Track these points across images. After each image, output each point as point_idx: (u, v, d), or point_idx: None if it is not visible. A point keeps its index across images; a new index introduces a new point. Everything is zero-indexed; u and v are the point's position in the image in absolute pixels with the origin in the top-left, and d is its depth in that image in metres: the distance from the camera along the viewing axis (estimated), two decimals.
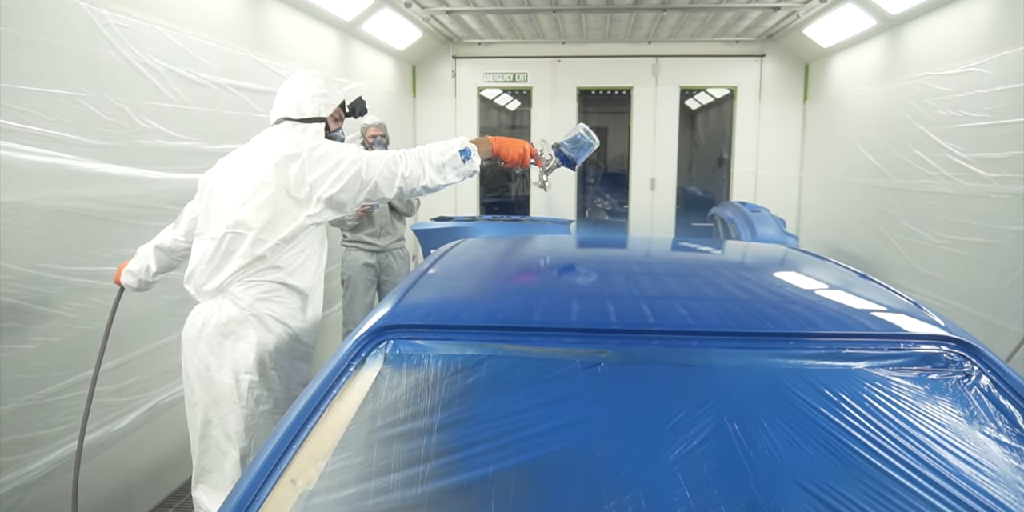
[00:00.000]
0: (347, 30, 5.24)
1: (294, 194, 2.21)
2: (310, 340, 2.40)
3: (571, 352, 1.41)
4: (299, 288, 2.29)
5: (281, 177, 2.20)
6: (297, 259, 2.27)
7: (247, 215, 2.21)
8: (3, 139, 2.20)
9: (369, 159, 2.24)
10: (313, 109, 2.35)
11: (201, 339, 2.22)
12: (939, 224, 4.29)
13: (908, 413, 1.27)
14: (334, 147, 2.26)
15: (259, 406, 2.22)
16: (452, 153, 2.29)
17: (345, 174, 2.21)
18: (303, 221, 2.22)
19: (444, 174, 2.29)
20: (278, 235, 2.20)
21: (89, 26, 2.57)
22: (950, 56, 4.22)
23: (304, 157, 2.21)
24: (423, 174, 2.26)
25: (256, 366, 2.20)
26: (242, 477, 1.17)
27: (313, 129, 2.34)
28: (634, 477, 1.16)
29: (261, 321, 2.22)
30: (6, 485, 2.27)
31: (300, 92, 2.37)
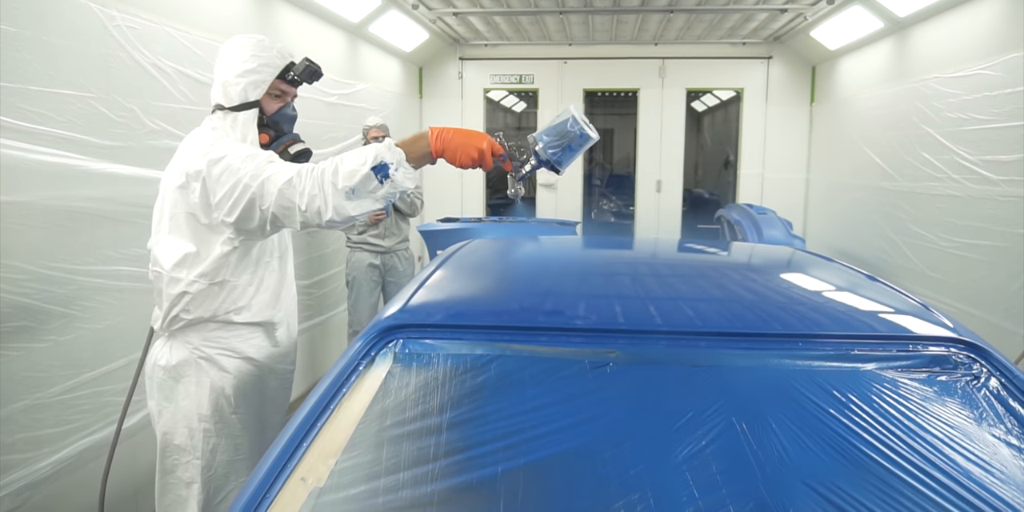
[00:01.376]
0: (354, 31, 5.26)
1: (204, 221, 1.86)
2: (284, 366, 2.15)
3: (580, 352, 1.41)
4: (256, 322, 1.99)
5: (188, 202, 1.85)
6: (244, 294, 1.95)
7: (158, 250, 1.92)
8: (15, 140, 2.22)
9: (265, 182, 1.76)
10: (239, 92, 1.92)
11: (153, 381, 1.99)
12: (947, 227, 4.28)
13: (917, 415, 1.27)
14: (236, 161, 1.79)
15: (216, 456, 1.97)
16: (363, 173, 1.70)
17: (240, 202, 1.79)
18: (221, 251, 1.87)
19: (359, 202, 1.74)
20: (195, 271, 1.87)
21: (100, 28, 2.59)
22: (958, 58, 4.21)
23: (205, 174, 1.81)
24: (325, 205, 1.72)
25: (211, 414, 1.94)
26: (252, 475, 1.18)
27: (243, 119, 1.93)
28: (643, 477, 1.17)
29: (214, 362, 1.95)
30: (16, 483, 2.29)
31: (225, 70, 1.95)
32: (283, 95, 2.02)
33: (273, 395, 2.12)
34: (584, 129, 1.85)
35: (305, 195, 1.72)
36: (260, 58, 1.93)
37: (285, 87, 2.01)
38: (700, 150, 10.41)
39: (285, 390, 2.18)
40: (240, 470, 2.00)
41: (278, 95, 2.01)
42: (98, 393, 2.61)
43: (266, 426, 2.11)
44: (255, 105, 1.95)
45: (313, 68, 2.01)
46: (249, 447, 2.02)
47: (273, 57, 1.96)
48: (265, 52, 1.94)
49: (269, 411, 2.12)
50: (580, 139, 1.86)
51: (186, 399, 1.95)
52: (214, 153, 1.82)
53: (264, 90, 1.96)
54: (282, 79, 1.99)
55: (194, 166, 1.83)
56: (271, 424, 2.12)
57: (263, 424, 2.09)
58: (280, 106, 2.02)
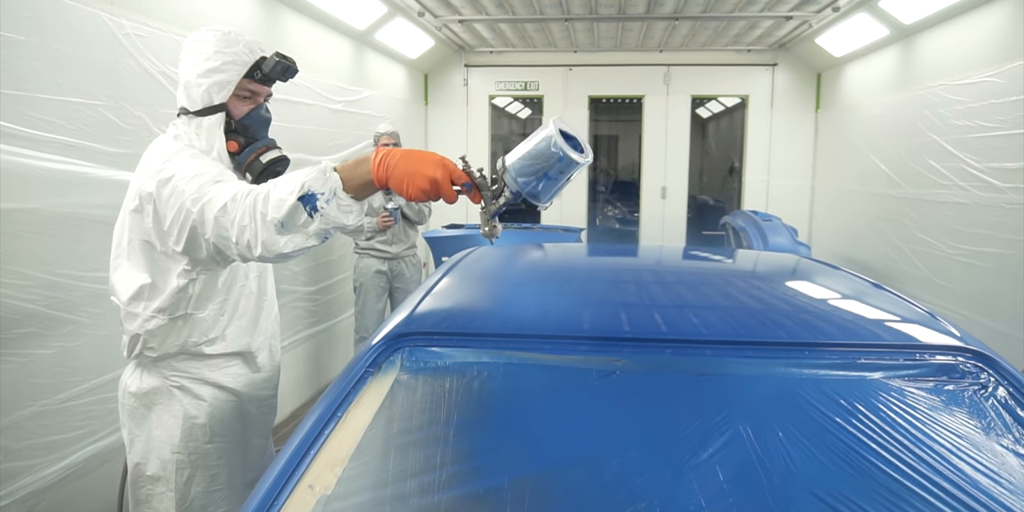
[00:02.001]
0: (361, 39, 5.29)
1: (160, 249, 1.66)
2: (267, 391, 1.97)
3: (586, 360, 1.42)
4: (229, 352, 1.81)
5: (142, 227, 1.66)
6: (216, 325, 1.76)
7: (115, 280, 1.73)
8: (24, 147, 2.24)
9: (204, 207, 1.53)
10: (201, 95, 1.69)
11: (124, 408, 1.83)
12: (953, 234, 4.28)
13: (924, 424, 1.27)
14: (182, 181, 1.57)
15: (191, 488, 1.80)
16: (290, 203, 1.40)
17: (184, 229, 1.58)
18: (178, 283, 1.66)
19: (291, 237, 1.43)
20: (152, 305, 1.68)
21: (109, 36, 2.61)
22: (964, 66, 4.21)
23: (156, 197, 1.59)
24: (255, 238, 1.45)
25: (184, 444, 1.77)
26: (260, 482, 1.18)
27: (208, 125, 1.71)
28: (650, 486, 1.16)
29: (187, 391, 1.78)
30: (23, 489, 2.29)
31: (187, 70, 1.72)
32: (253, 96, 1.77)
33: (255, 421, 1.95)
34: (565, 152, 1.37)
35: (236, 225, 1.47)
36: (224, 55, 1.69)
37: (255, 87, 1.76)
38: (705, 157, 10.41)
39: (268, 415, 2.01)
40: (218, 501, 1.85)
41: (247, 96, 1.76)
42: (104, 399, 2.62)
43: (248, 450, 1.96)
44: (221, 109, 1.72)
45: (285, 64, 1.74)
46: (227, 476, 1.86)
47: (240, 53, 1.71)
48: (230, 47, 1.70)
49: (251, 435, 1.95)
50: (560, 164, 1.39)
51: (159, 429, 1.78)
52: (165, 172, 1.60)
53: (230, 92, 1.72)
54: (251, 78, 1.74)
55: (146, 187, 1.62)
56: (254, 447, 1.97)
57: (245, 449, 1.93)
58: (250, 108, 1.77)
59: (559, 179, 1.42)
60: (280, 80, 1.77)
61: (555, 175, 1.41)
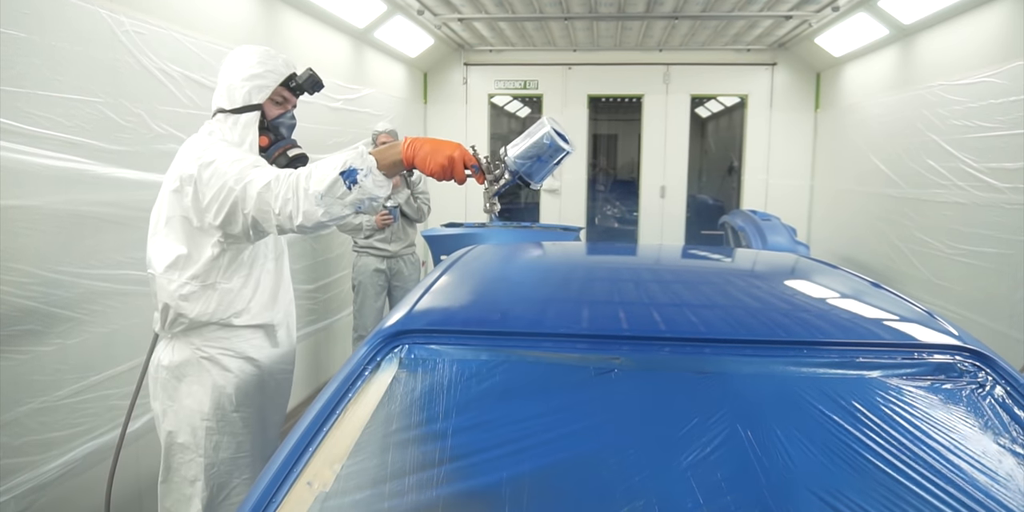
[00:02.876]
0: (360, 37, 5.28)
1: (196, 224, 1.91)
2: (285, 365, 2.19)
3: (585, 358, 1.42)
4: (253, 324, 2.03)
5: (182, 205, 1.91)
6: (240, 297, 1.99)
7: (152, 252, 1.97)
8: (23, 144, 2.24)
9: (247, 186, 1.80)
10: (243, 95, 1.99)
11: (157, 381, 2.04)
12: (952, 234, 4.28)
13: (922, 423, 1.27)
14: (224, 165, 1.84)
15: (218, 453, 2.01)
16: (332, 178, 1.71)
17: (224, 205, 1.83)
18: (212, 254, 1.91)
19: (327, 208, 1.73)
20: (187, 273, 1.92)
21: (108, 33, 2.61)
22: (963, 66, 4.21)
23: (196, 178, 1.86)
24: (296, 210, 1.74)
25: (213, 412, 1.99)
26: (258, 479, 1.18)
27: (244, 121, 1.99)
28: (647, 484, 1.17)
29: (216, 362, 2.00)
30: (22, 485, 2.29)
31: (230, 75, 2.02)
32: (284, 102, 2.09)
33: (273, 395, 2.16)
34: (556, 142, 1.77)
35: (279, 199, 1.76)
36: (266, 65, 2.02)
37: (287, 95, 2.08)
38: (704, 156, 10.41)
39: (285, 390, 2.22)
40: (242, 468, 2.06)
41: (279, 102, 2.07)
42: (104, 396, 2.62)
43: (267, 425, 2.16)
44: (257, 108, 2.01)
45: (315, 78, 2.09)
46: (251, 445, 2.07)
47: (278, 65, 2.04)
48: (271, 60, 2.03)
49: (270, 410, 2.16)
50: (551, 150, 1.77)
51: (189, 398, 1.99)
52: (205, 157, 1.87)
53: (267, 95, 2.02)
54: (285, 87, 2.06)
55: (187, 170, 1.88)
56: (272, 423, 2.18)
57: (264, 423, 2.14)
58: (281, 112, 2.08)
59: (548, 163, 1.81)
60: (308, 92, 2.09)
61: (546, 159, 1.79)
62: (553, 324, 1.57)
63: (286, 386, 2.22)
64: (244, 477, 2.06)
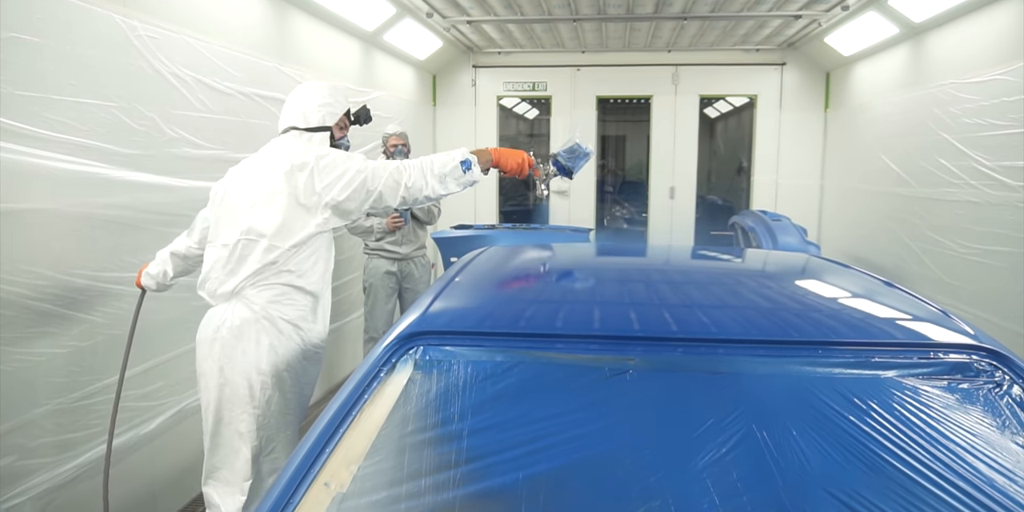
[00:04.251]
0: (369, 40, 5.30)
1: (303, 202, 2.27)
2: (320, 341, 2.46)
3: (599, 359, 1.42)
4: (309, 290, 2.35)
5: (291, 185, 2.26)
6: (306, 263, 2.33)
7: (259, 222, 2.27)
8: (39, 148, 2.26)
9: (375, 169, 2.30)
10: (318, 118, 2.41)
11: (216, 341, 2.27)
12: (964, 233, 4.26)
13: (939, 422, 1.27)
14: (341, 156, 2.31)
15: (270, 407, 2.28)
16: (454, 164, 2.36)
17: (352, 182, 2.28)
18: (312, 228, 2.29)
19: (446, 184, 2.36)
20: (289, 241, 2.26)
21: (122, 38, 2.63)
22: (974, 64, 4.19)
23: (312, 166, 2.26)
24: (425, 184, 2.32)
25: (269, 367, 2.27)
26: (276, 480, 1.19)
27: (319, 138, 2.41)
28: (663, 484, 1.17)
29: (273, 323, 2.28)
30: (39, 486, 2.31)
31: (306, 102, 2.43)
32: (344, 128, 2.55)
33: (310, 364, 2.42)
34: (585, 149, 2.75)
35: (412, 177, 2.32)
36: (335, 95, 2.48)
37: (345, 121, 2.55)
38: (713, 157, 10.38)
39: (318, 362, 2.48)
40: (289, 423, 2.34)
41: (342, 127, 2.53)
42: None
43: (303, 393, 2.41)
44: (327, 129, 2.44)
45: (368, 112, 2.62)
46: (297, 403, 2.37)
47: (342, 99, 2.50)
48: (339, 93, 2.51)
49: (305, 380, 2.41)
50: (584, 154, 2.75)
51: (246, 355, 2.25)
52: (320, 151, 2.32)
53: (336, 120, 2.47)
54: (346, 115, 2.54)
55: (300, 159, 2.27)
56: (306, 393, 2.44)
57: (303, 389, 2.40)
58: (342, 135, 2.55)
59: (583, 161, 2.77)
60: (360, 123, 2.62)
61: (582, 159, 2.76)
62: (567, 325, 1.58)
63: (319, 359, 2.47)
64: (287, 433, 2.34)
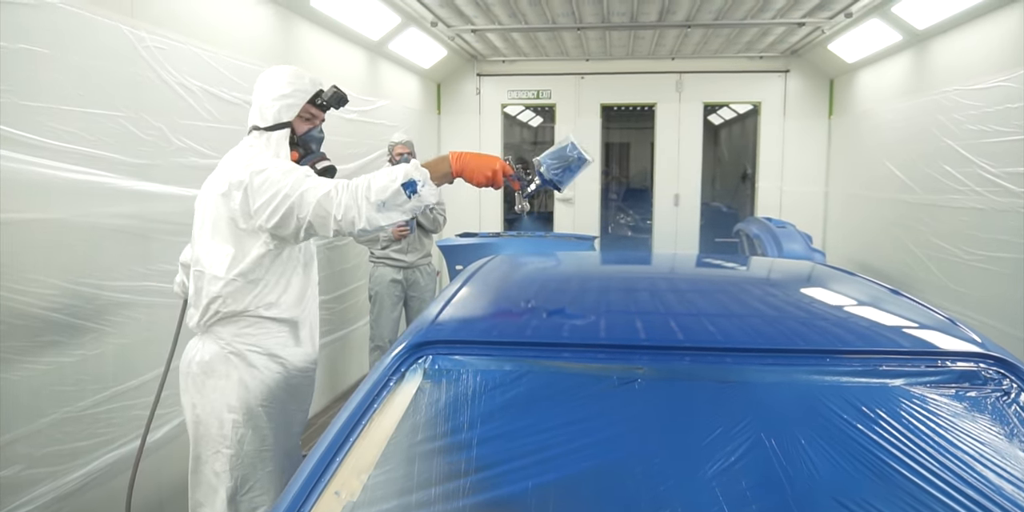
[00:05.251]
0: (374, 49, 5.33)
1: (243, 226, 2.04)
2: (308, 364, 2.28)
3: (608, 368, 1.42)
4: (283, 319, 2.15)
5: (229, 209, 2.04)
6: (272, 292, 2.11)
7: (202, 251, 2.11)
8: (47, 158, 2.27)
9: (304, 193, 1.96)
10: (273, 114, 2.13)
11: (188, 376, 2.16)
12: (969, 240, 4.25)
13: (947, 431, 1.27)
14: (276, 173, 1.99)
15: (243, 446, 2.11)
16: (394, 189, 1.92)
17: (279, 209, 1.97)
18: (258, 252, 2.05)
19: (388, 213, 1.95)
20: (234, 270, 2.05)
21: (129, 48, 2.65)
22: (978, 71, 4.20)
23: (247, 184, 2.00)
24: (358, 215, 1.93)
25: (240, 405, 2.10)
26: (287, 489, 1.19)
27: (277, 137, 2.13)
28: (673, 493, 1.17)
29: (243, 358, 2.11)
30: (46, 495, 2.31)
31: (262, 95, 2.17)
32: (312, 118, 2.22)
33: (296, 391, 2.24)
34: (582, 153, 2.10)
35: (342, 206, 1.93)
36: (294, 85, 2.15)
37: (315, 111, 2.21)
38: (717, 164, 10.39)
39: (308, 389, 2.31)
40: (266, 460, 2.15)
41: (308, 118, 2.21)
42: (125, 407, 2.65)
43: (290, 422, 2.24)
44: (287, 125, 2.15)
45: (340, 95, 2.22)
46: (274, 439, 2.17)
47: (305, 84, 2.17)
48: (299, 80, 2.16)
49: (293, 408, 2.24)
50: (578, 162, 2.11)
51: (216, 392, 2.11)
52: (256, 166, 2.02)
53: (296, 112, 2.16)
54: (312, 104, 2.19)
55: (237, 176, 2.02)
56: (295, 421, 2.27)
57: (288, 419, 2.23)
58: (309, 128, 2.22)
59: (575, 172, 2.13)
60: (334, 108, 2.23)
61: (574, 168, 2.12)
62: (576, 334, 1.58)
63: (308, 384, 2.31)
64: (267, 470, 2.16)
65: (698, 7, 5.19)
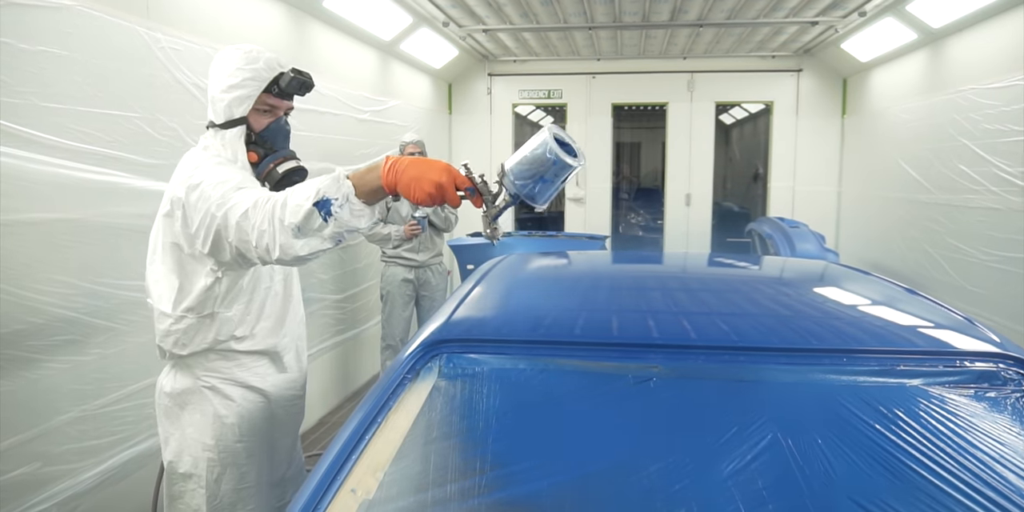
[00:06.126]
0: (386, 49, 5.35)
1: (187, 251, 1.74)
2: (294, 391, 2.04)
3: (623, 367, 1.42)
4: (257, 350, 1.89)
5: (172, 230, 1.75)
6: (243, 323, 1.84)
7: (150, 281, 1.82)
8: (67, 159, 2.30)
9: (228, 213, 1.61)
10: (223, 109, 1.79)
11: (160, 407, 1.92)
12: (985, 240, 4.22)
13: (965, 431, 1.26)
14: (209, 187, 1.65)
15: (220, 486, 1.88)
16: (306, 209, 1.48)
17: (210, 232, 1.66)
18: (204, 284, 1.75)
19: (307, 241, 1.52)
20: (181, 306, 1.76)
21: (145, 50, 2.67)
22: (994, 69, 4.16)
23: (185, 202, 1.69)
24: (273, 242, 1.53)
25: (216, 443, 1.86)
26: (303, 486, 1.20)
27: (231, 135, 1.79)
28: (688, 492, 1.17)
29: (217, 392, 1.86)
30: (63, 492, 2.34)
31: (212, 86, 1.82)
32: (273, 110, 1.85)
33: (282, 422, 2.02)
34: (559, 156, 1.43)
35: (255, 230, 1.56)
36: (245, 71, 1.77)
37: (274, 101, 1.83)
38: (729, 163, 10.35)
39: (295, 416, 2.08)
40: (246, 498, 1.92)
41: (267, 110, 1.84)
42: (141, 405, 2.66)
43: (276, 450, 2.02)
44: (241, 122, 1.80)
45: (301, 79, 1.81)
46: (256, 474, 1.94)
47: (259, 70, 1.78)
48: (250, 65, 1.77)
49: (278, 436, 2.02)
50: (556, 167, 1.45)
51: (190, 427, 1.87)
52: (194, 178, 1.69)
53: (250, 106, 1.80)
54: (269, 93, 1.81)
55: (176, 192, 1.72)
56: (281, 447, 2.04)
57: (273, 449, 2.00)
58: (270, 121, 1.84)
59: (554, 181, 1.48)
60: (297, 94, 1.84)
61: (551, 178, 1.47)
62: (590, 333, 1.58)
63: (296, 411, 2.08)
64: (249, 508, 1.93)
65: (710, 6, 5.17)
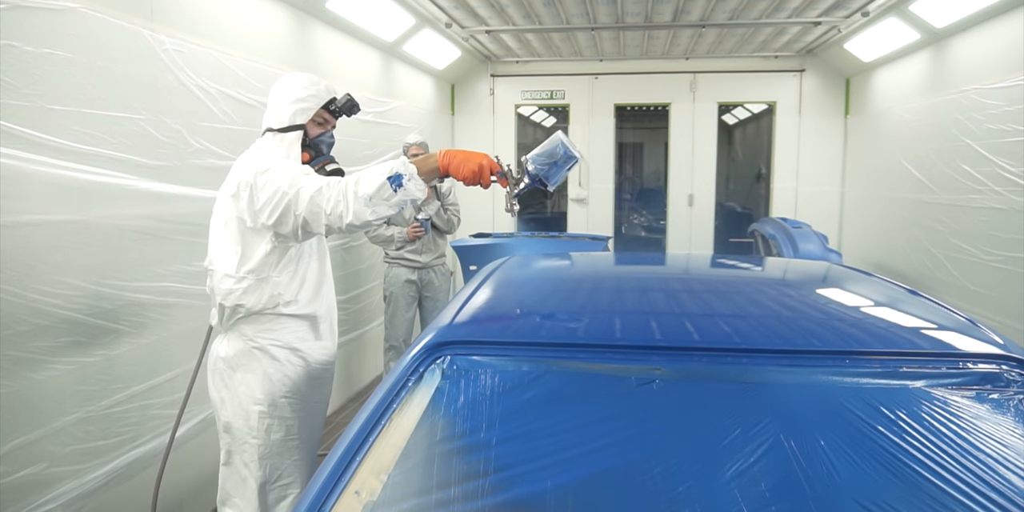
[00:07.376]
0: (389, 51, 5.35)
1: (250, 225, 2.12)
2: (328, 358, 2.39)
3: (626, 369, 1.42)
4: (301, 315, 2.25)
5: (238, 209, 2.13)
6: (288, 289, 2.20)
7: (213, 251, 2.20)
8: (72, 161, 2.30)
9: (300, 190, 2.03)
10: (288, 117, 2.23)
11: (215, 372, 2.26)
12: (989, 240, 4.21)
13: (968, 433, 1.26)
14: (278, 173, 2.08)
15: (270, 435, 2.22)
16: (380, 183, 1.99)
17: (278, 207, 2.05)
18: (265, 250, 2.13)
19: (375, 208, 2.01)
20: (244, 268, 2.14)
21: (149, 52, 2.68)
22: (998, 69, 4.16)
23: (252, 183, 2.09)
24: (347, 210, 1.99)
25: (265, 397, 2.20)
26: (307, 488, 1.21)
27: (290, 139, 2.23)
28: (692, 494, 1.17)
29: (266, 352, 2.21)
30: (69, 493, 2.35)
31: (278, 99, 2.27)
32: (325, 123, 2.33)
33: (316, 384, 2.35)
34: (570, 150, 2.16)
35: (331, 201, 2.01)
36: (309, 90, 2.26)
37: (327, 116, 2.33)
38: (731, 163, 10.33)
39: (327, 381, 2.41)
40: (292, 450, 2.26)
41: (320, 122, 2.31)
42: (145, 406, 2.68)
43: (313, 413, 2.35)
44: (300, 128, 2.26)
45: (353, 102, 2.33)
46: (299, 429, 2.28)
47: (320, 91, 2.28)
48: (314, 86, 2.28)
49: (314, 400, 2.35)
50: (565, 158, 2.16)
51: (243, 386, 2.21)
52: (261, 166, 2.11)
53: (310, 116, 2.27)
54: (326, 109, 2.31)
55: (245, 177, 2.12)
56: (317, 412, 2.38)
57: (311, 411, 2.33)
58: (321, 132, 2.32)
59: (563, 168, 2.17)
60: (346, 115, 2.34)
61: (561, 164, 2.16)
62: (594, 335, 1.58)
63: (328, 378, 2.41)
64: (294, 458, 2.26)
65: (713, 7, 5.17)
